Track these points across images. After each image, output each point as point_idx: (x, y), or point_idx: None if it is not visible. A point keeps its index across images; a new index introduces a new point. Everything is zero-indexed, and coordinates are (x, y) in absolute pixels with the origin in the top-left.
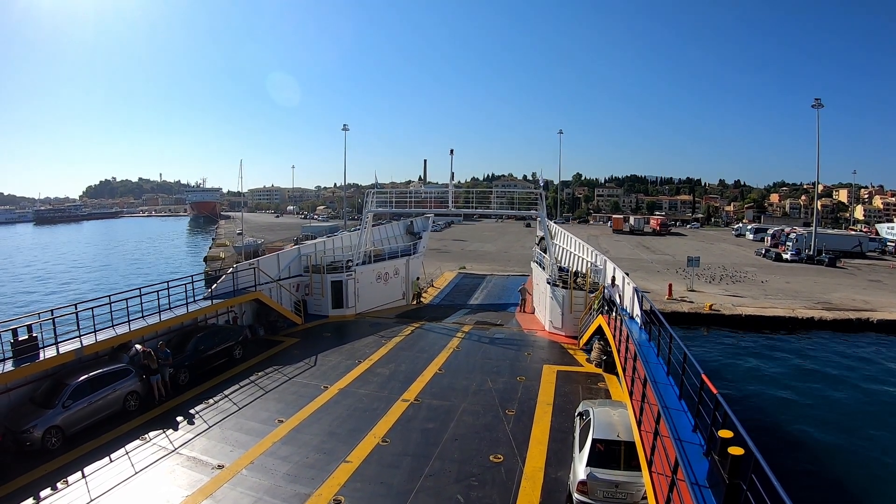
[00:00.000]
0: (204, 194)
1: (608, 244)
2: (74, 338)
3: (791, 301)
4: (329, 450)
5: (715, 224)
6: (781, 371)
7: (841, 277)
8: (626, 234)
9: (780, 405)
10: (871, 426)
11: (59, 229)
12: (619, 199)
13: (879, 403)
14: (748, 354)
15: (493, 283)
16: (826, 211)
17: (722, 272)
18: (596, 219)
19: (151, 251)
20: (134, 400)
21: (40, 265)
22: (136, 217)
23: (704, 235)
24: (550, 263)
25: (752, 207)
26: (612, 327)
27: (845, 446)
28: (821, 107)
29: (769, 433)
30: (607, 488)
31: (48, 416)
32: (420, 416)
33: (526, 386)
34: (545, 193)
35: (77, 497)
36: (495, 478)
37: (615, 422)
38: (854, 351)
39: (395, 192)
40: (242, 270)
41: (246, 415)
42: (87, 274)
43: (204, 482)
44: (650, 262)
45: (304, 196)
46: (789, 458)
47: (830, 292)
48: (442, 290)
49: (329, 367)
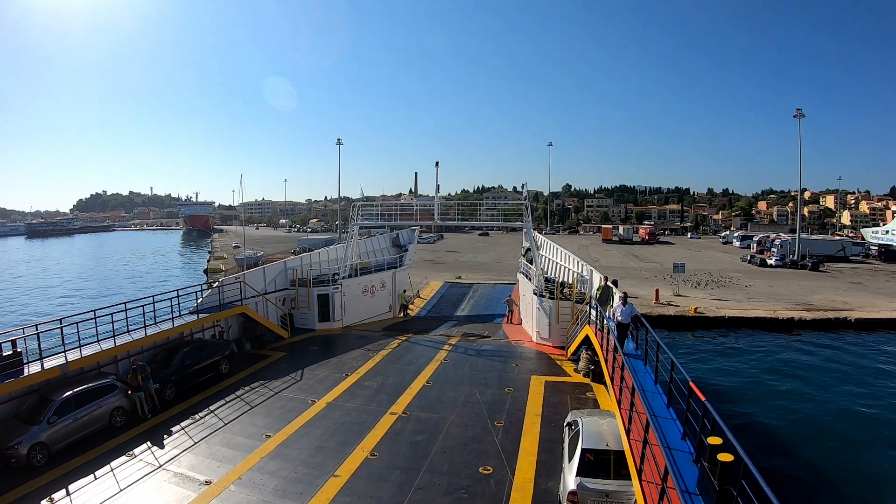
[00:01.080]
0: (197, 208)
1: (598, 254)
2: (59, 353)
3: (773, 303)
4: (318, 464)
5: (703, 232)
6: (761, 369)
7: (823, 280)
8: (616, 243)
9: (765, 405)
10: (855, 424)
11: (50, 243)
12: (609, 209)
13: (863, 397)
14: (729, 354)
15: (480, 293)
16: (813, 217)
17: (707, 278)
18: (586, 229)
19: (151, 265)
20: (120, 416)
21: (39, 279)
22: (127, 231)
23: (692, 243)
24: (537, 274)
25: (740, 215)
26: (599, 337)
27: (831, 446)
28: (802, 117)
29: (756, 435)
30: (598, 498)
31: (33, 433)
32: (408, 429)
33: (514, 397)
34: (535, 205)
35: None
36: (485, 489)
37: (604, 431)
38: (836, 349)
39: (381, 204)
40: (228, 284)
41: (233, 430)
42: (87, 288)
43: (191, 498)
44: (639, 269)
45: (296, 209)
46: (778, 460)
47: (811, 294)
48: (429, 301)
49: (316, 380)
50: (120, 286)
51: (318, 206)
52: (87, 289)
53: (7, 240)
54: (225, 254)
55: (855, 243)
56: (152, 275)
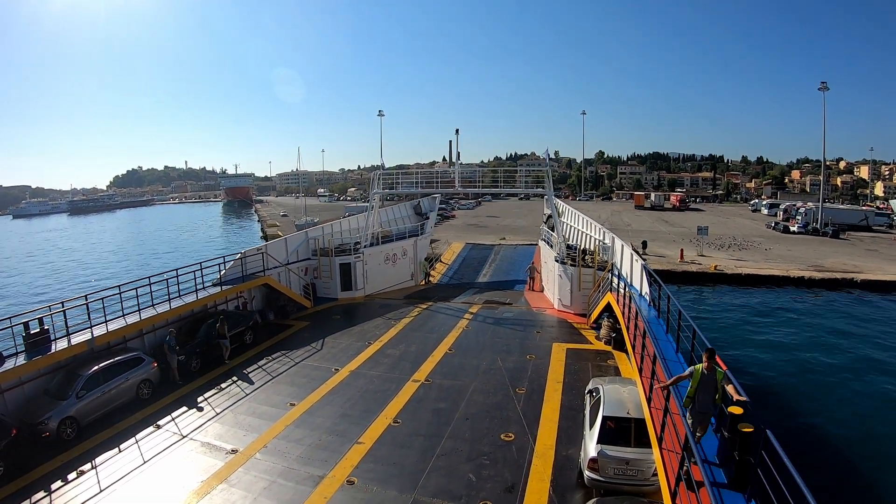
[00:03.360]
0: (237, 180)
1: (630, 219)
2: (86, 329)
3: (788, 265)
4: (341, 431)
5: (734, 200)
6: (775, 324)
7: (841, 247)
8: (647, 209)
9: (779, 365)
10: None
11: (92, 219)
12: (642, 176)
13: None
14: (744, 309)
15: (502, 256)
16: (846, 187)
17: (731, 241)
18: (619, 196)
19: (213, 234)
20: (147, 388)
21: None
22: (167, 204)
23: (721, 210)
24: (559, 241)
25: (771, 184)
26: (620, 304)
27: (848, 413)
28: (826, 90)
29: (771, 395)
30: (618, 465)
31: (63, 408)
32: (431, 397)
33: (536, 364)
34: (569, 172)
35: (94, 485)
36: (507, 456)
37: (625, 399)
38: (845, 307)
39: (400, 172)
40: (251, 256)
41: (258, 399)
42: (165, 256)
43: (218, 467)
44: (667, 233)
45: (332, 179)
46: (798, 429)
47: (826, 258)
48: (450, 267)
49: (339, 349)
50: (196, 250)
51: (354, 175)
52: (166, 257)
53: (49, 218)
54: (277, 221)
55: (878, 214)
56: (215, 242)
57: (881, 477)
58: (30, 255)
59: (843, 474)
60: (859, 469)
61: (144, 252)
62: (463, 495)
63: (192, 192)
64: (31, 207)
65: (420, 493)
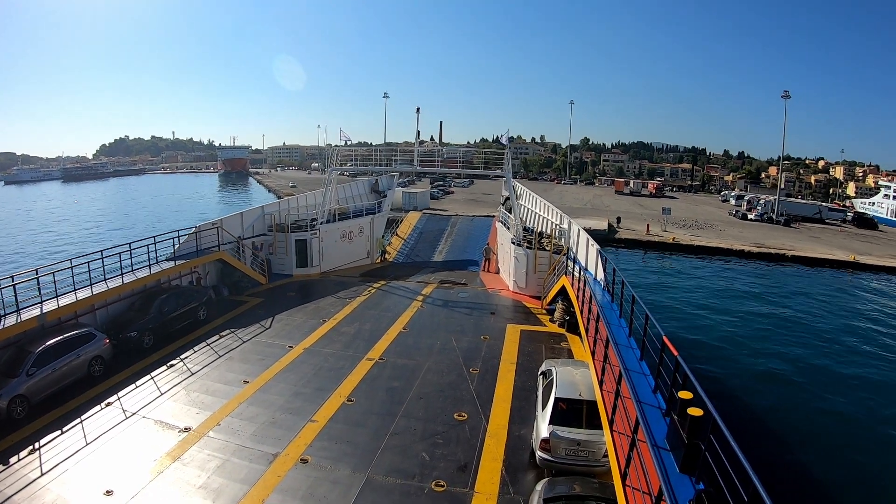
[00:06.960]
0: (235, 151)
1: (610, 202)
2: (36, 304)
3: (734, 241)
4: (295, 409)
5: (708, 191)
6: (717, 290)
7: (788, 233)
8: (626, 195)
9: (717, 328)
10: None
11: (87, 186)
12: (624, 164)
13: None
14: (692, 274)
15: (458, 229)
16: (819, 185)
17: (693, 223)
18: (601, 181)
19: (229, 201)
20: (99, 364)
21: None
22: (158, 174)
23: (694, 199)
24: (515, 224)
25: (745, 178)
26: (575, 288)
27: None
28: (788, 97)
29: (724, 386)
30: (569, 446)
31: (12, 385)
32: (385, 375)
33: (490, 345)
34: (554, 157)
35: (45, 464)
36: (460, 435)
37: (577, 381)
38: (777, 278)
39: (360, 149)
40: (205, 230)
41: (211, 376)
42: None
43: (171, 445)
44: (641, 214)
45: (323, 153)
46: (744, 407)
47: (769, 240)
48: (406, 242)
49: (294, 326)
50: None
51: (344, 151)
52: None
53: (40, 185)
54: (285, 193)
55: (833, 209)
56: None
57: (826, 453)
58: (62, 218)
59: (787, 453)
60: (803, 448)
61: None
62: (416, 474)
63: (182, 162)
64: (23, 174)
65: (374, 471)
